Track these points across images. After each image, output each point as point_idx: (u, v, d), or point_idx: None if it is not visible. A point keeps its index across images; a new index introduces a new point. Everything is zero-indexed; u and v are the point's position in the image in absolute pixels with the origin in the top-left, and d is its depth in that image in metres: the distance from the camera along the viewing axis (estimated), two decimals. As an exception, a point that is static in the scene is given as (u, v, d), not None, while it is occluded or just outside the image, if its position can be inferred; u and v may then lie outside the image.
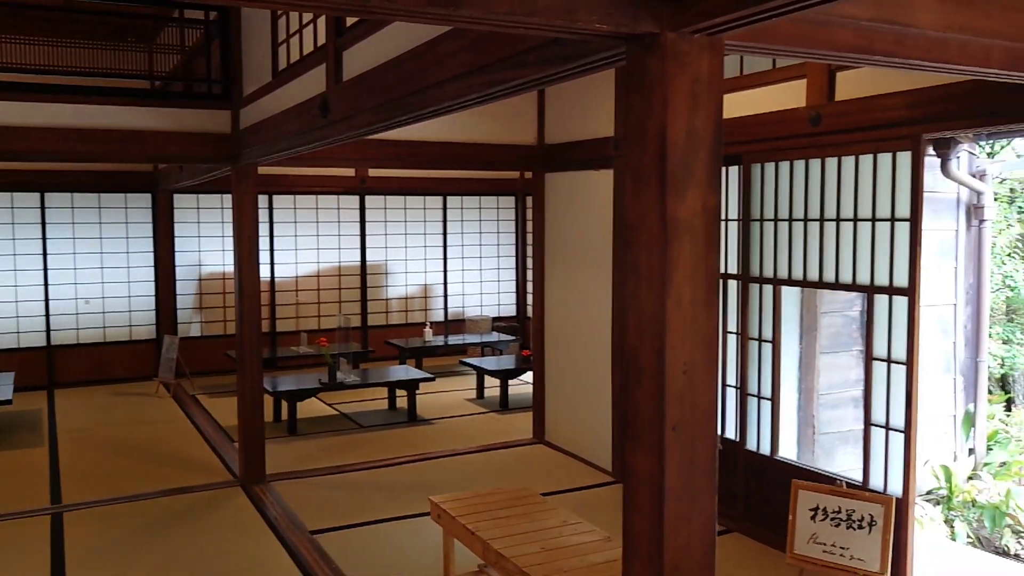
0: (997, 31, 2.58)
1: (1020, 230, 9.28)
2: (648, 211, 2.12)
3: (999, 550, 6.10)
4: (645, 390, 2.16)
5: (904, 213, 4.40)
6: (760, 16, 1.94)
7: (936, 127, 4.30)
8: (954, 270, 6.66)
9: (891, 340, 4.50)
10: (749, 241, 5.32)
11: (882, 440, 4.58)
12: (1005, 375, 8.81)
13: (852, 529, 4.34)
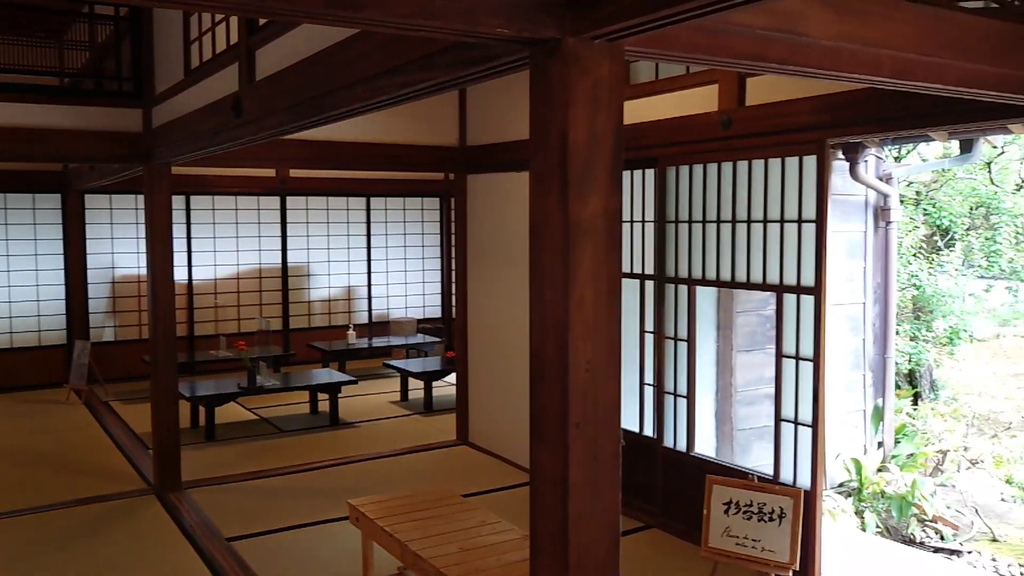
0: (885, 41, 2.70)
1: (926, 231, 9.69)
2: (551, 213, 2.16)
3: (906, 539, 6.35)
4: (549, 388, 2.19)
5: (811, 215, 4.55)
6: (657, 23, 1.99)
7: (839, 132, 4.46)
8: (863, 270, 6.91)
9: (799, 338, 4.64)
10: (664, 242, 5.43)
11: (791, 435, 4.72)
12: (912, 371, 9.18)
13: (763, 522, 4.46)
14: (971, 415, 8.36)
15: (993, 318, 13.27)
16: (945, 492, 6.88)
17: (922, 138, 6.87)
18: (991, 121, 4.24)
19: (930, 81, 2.86)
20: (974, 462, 7.38)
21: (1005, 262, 9.30)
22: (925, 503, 6.35)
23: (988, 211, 9.35)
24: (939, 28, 2.84)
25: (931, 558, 5.51)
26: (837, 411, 6.80)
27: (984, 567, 5.92)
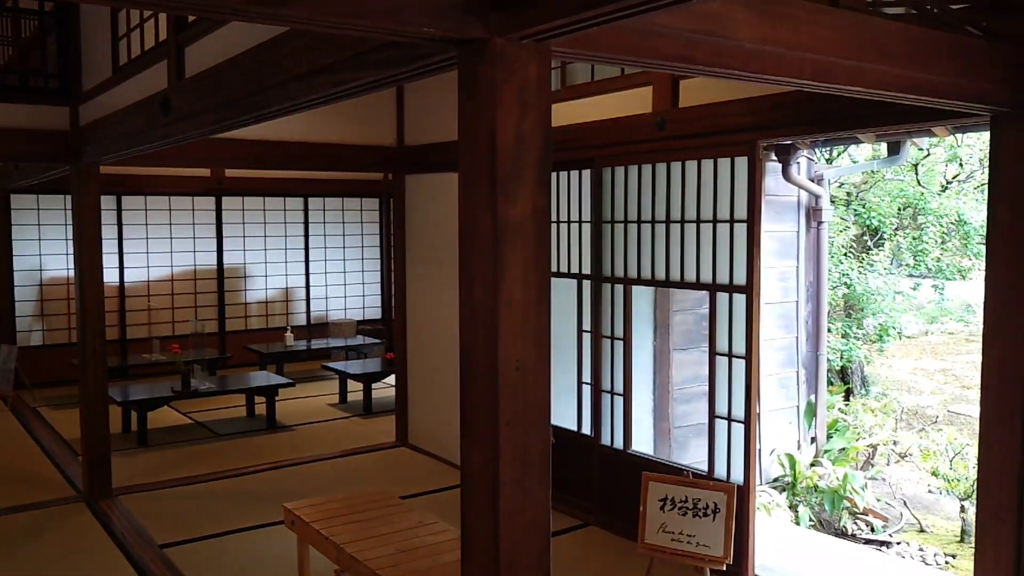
0: (808, 45, 2.76)
1: (856, 231, 9.95)
2: (480, 213, 2.16)
3: (838, 531, 6.51)
4: (480, 387, 2.20)
5: (743, 215, 4.64)
6: (582, 24, 2.01)
7: (770, 134, 4.55)
8: (796, 269, 7.06)
9: (732, 336, 4.73)
10: (601, 242, 5.48)
11: (725, 431, 4.80)
12: (844, 367, 9.42)
13: (698, 517, 4.53)
14: (900, 410, 8.61)
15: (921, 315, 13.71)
16: (875, 485, 7.08)
17: (851, 140, 7.05)
18: (915, 124, 4.37)
19: (850, 84, 2.94)
20: (903, 455, 7.60)
21: (931, 261, 9.61)
22: (856, 496, 6.52)
23: (915, 211, 9.64)
24: (860, 33, 2.92)
25: (862, 550, 5.66)
26: (772, 407, 6.94)
27: (912, 557, 6.10)
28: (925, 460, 7.29)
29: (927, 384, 10.85)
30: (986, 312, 3.72)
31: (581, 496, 5.70)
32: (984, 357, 3.74)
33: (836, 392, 8.39)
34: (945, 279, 10.14)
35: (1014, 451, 3.63)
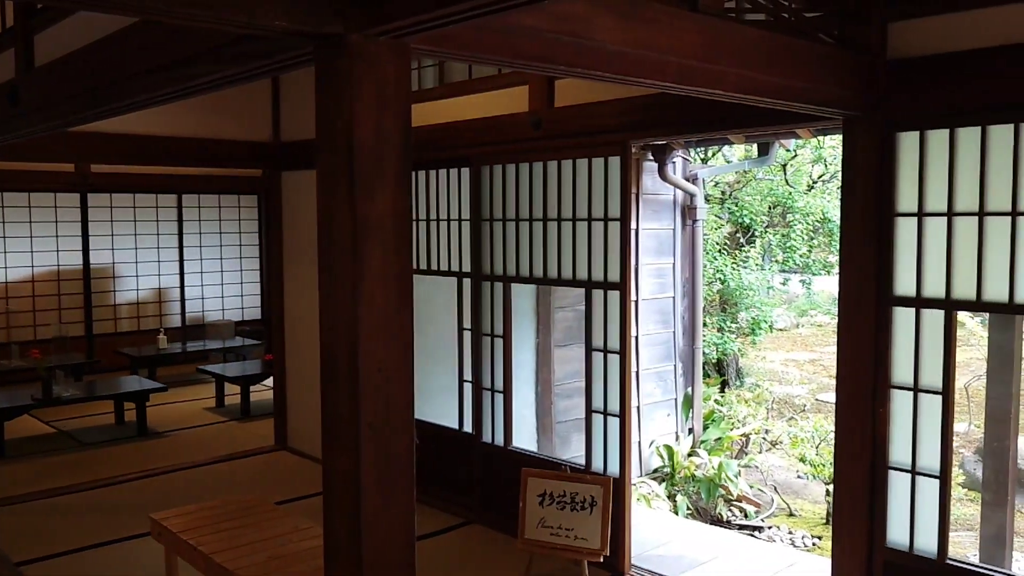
0: (669, 48, 2.83)
1: (730, 228, 10.32)
2: (338, 212, 2.12)
3: (714, 519, 6.73)
4: (341, 389, 2.15)
5: (616, 213, 4.73)
6: (440, 22, 1.99)
7: (641, 134, 4.66)
8: (672, 265, 7.26)
9: (607, 332, 4.81)
10: (480, 240, 5.48)
11: (601, 425, 4.89)
12: (720, 360, 9.75)
13: (576, 511, 4.60)
14: (771, 400, 8.98)
15: (793, 309, 14.35)
16: (749, 473, 7.36)
17: (723, 141, 7.30)
18: (778, 126, 4.56)
19: (711, 87, 3.03)
20: (774, 443, 7.94)
21: (799, 257, 10.06)
22: (731, 484, 6.76)
23: (785, 210, 10.08)
24: (720, 38, 3.01)
25: (735, 535, 5.87)
26: (651, 400, 7.12)
27: (782, 540, 6.38)
28: (794, 447, 7.62)
29: (797, 374, 11.36)
30: (840, 306, 3.92)
31: (463, 494, 5.69)
32: (838, 349, 3.94)
33: (712, 384, 8.68)
34: (812, 274, 10.66)
35: (865, 439, 3.84)
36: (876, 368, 3.79)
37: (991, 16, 3.39)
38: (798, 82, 3.34)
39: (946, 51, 3.50)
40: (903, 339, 3.75)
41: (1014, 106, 3.38)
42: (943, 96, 3.54)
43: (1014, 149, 3.39)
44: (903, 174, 3.70)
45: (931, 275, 3.65)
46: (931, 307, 3.65)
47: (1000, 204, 3.44)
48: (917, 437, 3.74)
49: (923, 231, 3.66)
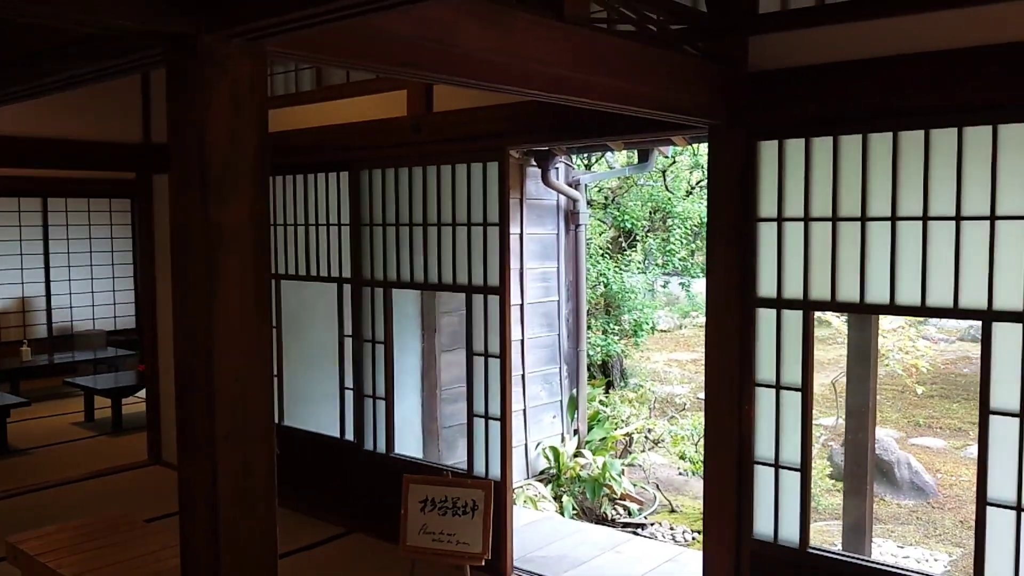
0: (537, 57, 2.87)
1: (613, 233, 10.54)
2: (192, 218, 2.05)
3: (599, 517, 6.86)
4: (196, 399, 2.09)
5: (495, 218, 4.76)
6: (294, 25, 1.96)
7: (518, 140, 4.71)
8: (557, 269, 7.36)
9: (487, 336, 4.84)
10: (360, 245, 5.42)
11: (483, 429, 4.91)
12: (605, 361, 9.92)
13: (458, 516, 4.60)
14: (654, 399, 9.21)
15: (675, 311, 14.76)
16: (632, 471, 7.53)
17: (603, 147, 7.46)
18: (653, 133, 4.69)
19: (579, 96, 3.09)
20: (656, 442, 8.14)
21: (678, 260, 10.37)
22: (615, 483, 6.90)
23: (665, 215, 10.37)
24: (586, 47, 3.07)
25: (618, 534, 5.98)
26: (537, 403, 7.20)
27: (663, 536, 6.55)
28: (675, 445, 7.84)
29: (679, 374, 11.69)
30: (708, 308, 4.06)
31: (345, 503, 5.61)
32: (706, 350, 4.08)
33: (597, 385, 8.84)
34: (691, 277, 10.99)
35: (732, 436, 3.98)
36: (741, 367, 3.94)
37: (841, 32, 3.58)
38: (663, 92, 3.45)
39: (801, 64, 3.68)
40: (766, 339, 3.91)
41: (862, 117, 3.58)
42: (799, 107, 3.72)
43: (863, 158, 3.59)
44: (764, 181, 3.86)
45: (791, 277, 3.82)
46: (791, 308, 3.83)
47: (851, 210, 3.64)
48: (780, 432, 3.91)
49: (783, 235, 3.83)
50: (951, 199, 3.39)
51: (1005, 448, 3.34)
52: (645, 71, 3.33)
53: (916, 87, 3.41)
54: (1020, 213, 3.25)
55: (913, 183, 3.48)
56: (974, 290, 3.37)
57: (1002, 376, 3.34)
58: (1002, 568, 3.38)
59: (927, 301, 3.48)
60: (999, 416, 3.35)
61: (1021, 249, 3.26)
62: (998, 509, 3.38)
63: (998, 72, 3.23)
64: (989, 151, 3.30)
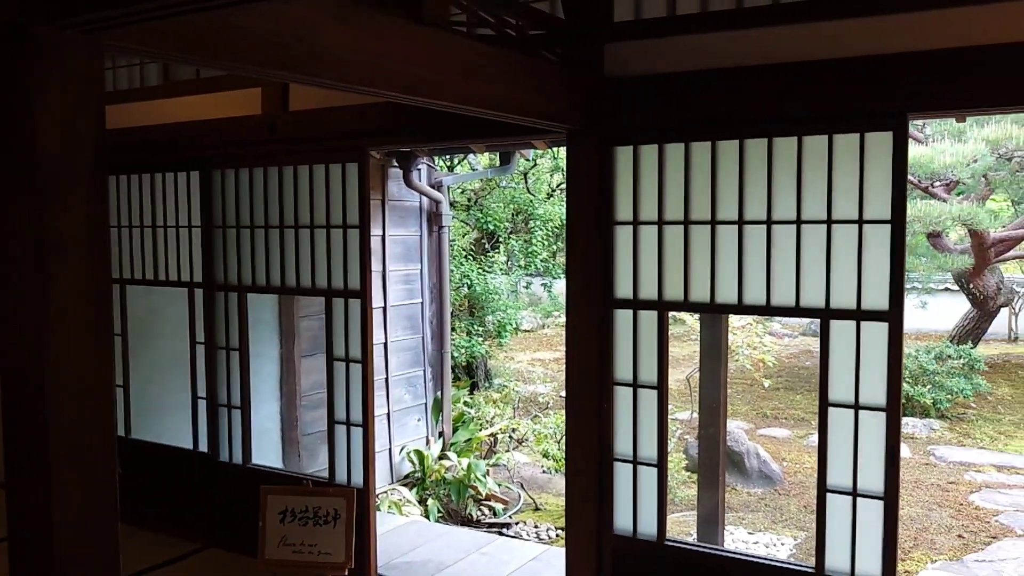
0: (398, 59, 2.84)
1: (476, 234, 10.60)
2: (22, 223, 1.90)
3: (465, 519, 6.86)
4: (27, 417, 1.94)
5: (355, 221, 4.67)
6: (135, 18, 1.85)
7: (378, 141, 4.65)
8: (420, 272, 7.31)
9: (348, 341, 4.75)
10: (213, 248, 5.20)
11: (344, 436, 4.81)
12: (469, 362, 9.96)
13: (319, 525, 4.49)
14: (518, 399, 9.32)
15: (538, 311, 15.01)
16: (497, 471, 7.58)
17: (465, 149, 7.47)
18: (514, 137, 4.74)
19: (439, 99, 3.08)
20: (520, 441, 8.22)
21: (540, 261, 10.54)
22: (479, 484, 6.92)
23: (527, 216, 10.51)
24: (446, 51, 3.06)
25: (484, 535, 6.01)
26: (401, 406, 7.13)
27: (528, 535, 6.63)
28: (539, 444, 7.94)
29: (542, 373, 11.88)
30: (567, 309, 4.14)
31: (201, 518, 5.37)
32: (567, 350, 4.15)
33: (462, 387, 8.86)
34: (552, 277, 11.20)
35: (592, 434, 4.07)
36: (600, 367, 4.04)
37: (691, 43, 3.73)
38: (522, 96, 3.48)
39: (654, 73, 3.80)
40: (623, 339, 4.02)
41: (711, 125, 3.73)
42: (652, 114, 3.84)
43: (712, 164, 3.75)
44: (620, 185, 3.97)
45: (646, 279, 3.94)
46: (646, 308, 3.95)
47: (702, 214, 3.79)
48: (638, 429, 4.02)
49: (638, 238, 3.95)
50: (792, 204, 3.59)
51: (842, 438, 3.57)
52: (503, 76, 3.36)
53: (759, 97, 3.59)
54: (853, 217, 3.48)
55: (758, 189, 3.66)
56: (814, 290, 3.58)
57: (839, 370, 3.56)
58: (840, 549, 3.61)
59: (772, 301, 3.67)
60: (837, 408, 3.58)
61: (855, 251, 3.48)
62: (837, 495, 3.61)
63: (829, 85, 3.44)
64: (825, 159, 3.51)
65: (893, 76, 3.33)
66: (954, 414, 9.61)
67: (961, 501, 7.11)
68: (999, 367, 11.76)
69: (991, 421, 9.56)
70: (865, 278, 3.46)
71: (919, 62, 3.28)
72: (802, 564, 4.02)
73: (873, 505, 3.52)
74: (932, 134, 10.69)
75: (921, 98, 3.32)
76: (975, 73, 3.22)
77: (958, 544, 6.21)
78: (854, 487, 3.56)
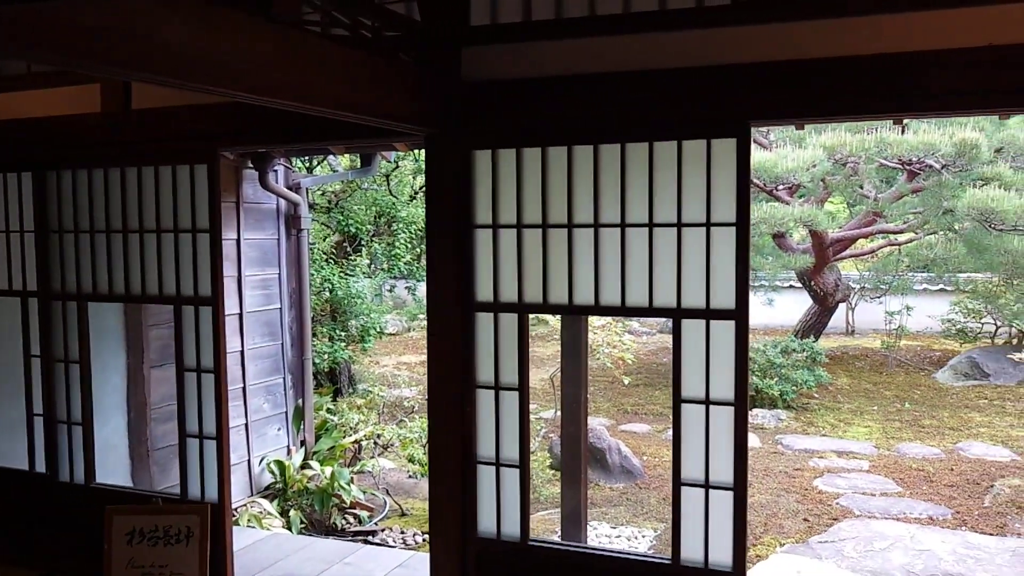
0: (246, 58, 2.74)
1: (338, 237, 10.40)
2: None
3: (329, 529, 6.71)
4: None
5: (205, 224, 4.48)
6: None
7: (229, 142, 4.48)
8: (278, 276, 7.10)
9: (200, 350, 4.54)
10: (48, 255, 4.87)
11: (197, 449, 4.61)
12: (332, 368, 9.77)
13: (170, 545, 4.29)
14: (383, 404, 9.20)
15: (404, 314, 14.89)
16: (362, 478, 7.46)
17: (324, 151, 7.32)
18: (367, 139, 4.67)
19: (290, 99, 2.99)
20: (386, 447, 8.12)
21: (404, 264, 10.45)
22: (344, 492, 6.79)
23: (390, 219, 10.40)
24: (298, 51, 2.98)
25: (348, 544, 5.89)
26: (260, 416, 6.91)
27: (395, 541, 6.55)
28: (404, 449, 7.87)
29: (408, 377, 11.80)
30: (429, 312, 4.11)
31: (40, 543, 5.01)
32: (428, 353, 4.13)
33: (325, 394, 8.67)
34: (417, 280, 11.13)
35: (455, 437, 4.06)
36: (463, 370, 4.03)
37: (546, 49, 3.78)
38: (376, 98, 3.43)
39: (510, 77, 3.83)
40: (485, 342, 4.03)
41: (567, 130, 3.79)
42: (510, 118, 3.88)
43: (568, 168, 3.81)
44: (479, 189, 3.98)
45: (506, 282, 3.97)
46: (507, 311, 3.98)
47: (559, 217, 3.85)
48: (500, 431, 4.04)
49: (498, 242, 3.97)
50: (645, 208, 3.70)
51: (695, 433, 3.71)
52: (356, 77, 3.30)
53: (613, 104, 3.68)
54: (701, 220, 3.61)
55: (612, 193, 3.75)
56: (666, 290, 3.70)
57: (691, 367, 3.69)
58: (695, 539, 3.75)
59: (627, 302, 3.76)
60: (689, 404, 3.71)
61: (704, 253, 3.62)
62: (690, 488, 3.74)
63: (677, 93, 3.57)
64: (675, 164, 3.64)
65: (736, 85, 3.49)
66: (799, 404, 10.19)
67: (806, 486, 7.55)
68: (838, 359, 12.57)
69: (832, 410, 10.20)
70: (713, 278, 3.61)
71: (759, 73, 3.44)
72: (660, 556, 4.14)
73: (724, 496, 3.67)
74: (776, 140, 11.32)
75: (761, 107, 3.49)
76: (810, 84, 3.41)
77: (804, 527, 6.58)
78: (706, 479, 3.70)
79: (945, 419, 9.75)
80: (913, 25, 3.24)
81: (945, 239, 11.01)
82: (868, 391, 11.07)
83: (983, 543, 6.05)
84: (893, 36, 3.26)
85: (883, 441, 8.96)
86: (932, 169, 10.54)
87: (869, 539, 6.14)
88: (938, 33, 3.21)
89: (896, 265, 12.15)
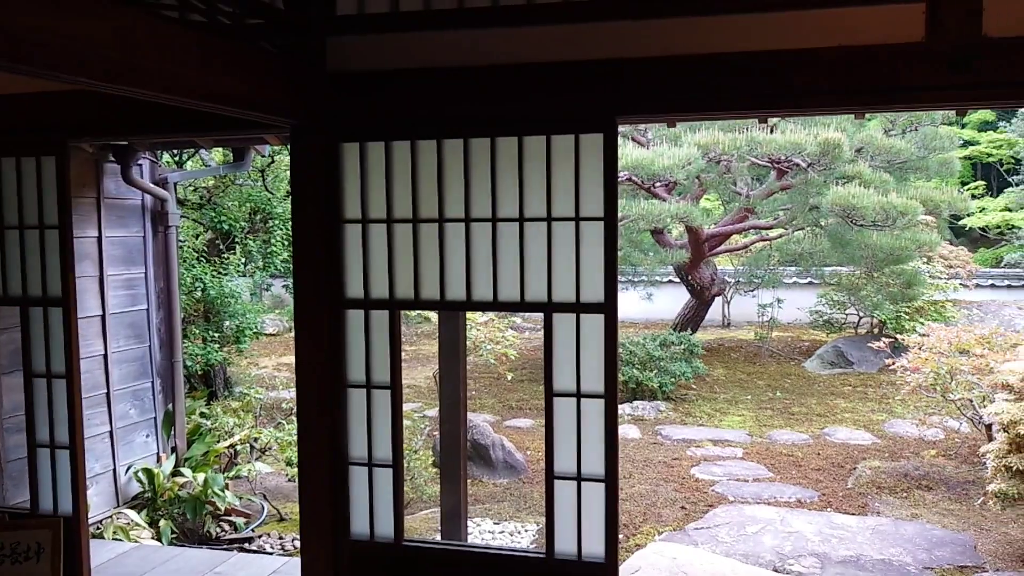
0: (99, 42, 2.57)
1: (210, 235, 10.02)
2: None
3: (203, 537, 6.44)
4: None
5: (53, 221, 4.21)
6: None
7: (81, 134, 4.23)
8: (144, 275, 6.77)
9: (50, 354, 4.27)
10: None
11: (48, 460, 4.33)
12: (206, 371, 9.41)
13: (18, 563, 4.02)
14: (260, 406, 8.91)
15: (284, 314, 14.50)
16: (238, 484, 7.20)
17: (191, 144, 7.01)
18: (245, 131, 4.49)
19: (137, 86, 2.81)
20: (263, 450, 7.87)
21: (280, 262, 10.16)
22: (218, 499, 6.53)
23: (265, 216, 10.09)
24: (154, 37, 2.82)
25: (223, 552, 5.67)
26: (127, 422, 6.58)
27: (272, 547, 6.35)
28: (283, 452, 7.65)
29: (287, 378, 11.48)
30: (296, 310, 3.99)
31: None
32: (296, 352, 4.00)
33: (199, 398, 8.32)
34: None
35: (325, 439, 3.95)
36: (333, 369, 3.92)
37: (414, 40, 3.71)
38: (234, 87, 3.28)
39: (378, 68, 3.74)
40: (355, 340, 3.93)
41: (436, 123, 3.74)
42: (378, 111, 3.79)
43: (438, 162, 3.76)
44: (348, 183, 3.88)
45: (377, 278, 3.89)
46: (378, 308, 3.89)
47: (430, 212, 3.79)
48: (372, 431, 3.96)
49: (368, 237, 3.88)
50: (515, 202, 3.69)
51: (567, 426, 3.72)
52: (216, 65, 3.14)
53: (482, 97, 3.65)
54: (571, 215, 3.63)
55: (483, 187, 3.72)
56: (537, 284, 3.69)
57: (562, 361, 3.71)
58: (568, 532, 3.77)
59: (499, 296, 3.74)
60: (561, 397, 3.72)
61: (574, 247, 3.64)
62: (564, 481, 3.76)
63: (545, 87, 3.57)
64: (544, 159, 3.63)
65: (602, 81, 3.51)
66: (678, 395, 10.48)
67: (684, 475, 7.75)
68: (715, 351, 13.01)
69: (708, 400, 10.53)
70: (583, 272, 3.63)
71: (625, 69, 3.47)
72: (535, 551, 4.15)
73: (596, 488, 3.70)
74: (653, 138, 11.59)
75: (628, 102, 3.53)
76: (676, 81, 3.47)
77: (681, 515, 6.76)
78: (579, 472, 3.72)
79: (813, 406, 10.21)
80: (774, 25, 3.33)
81: (812, 234, 11.54)
82: (742, 381, 11.48)
83: (846, 523, 6.36)
84: (757, 35, 3.34)
85: (756, 429, 9.30)
86: (799, 167, 11.03)
87: (742, 524, 6.35)
88: (795, 33, 3.31)
89: (767, 260, 12.65)
